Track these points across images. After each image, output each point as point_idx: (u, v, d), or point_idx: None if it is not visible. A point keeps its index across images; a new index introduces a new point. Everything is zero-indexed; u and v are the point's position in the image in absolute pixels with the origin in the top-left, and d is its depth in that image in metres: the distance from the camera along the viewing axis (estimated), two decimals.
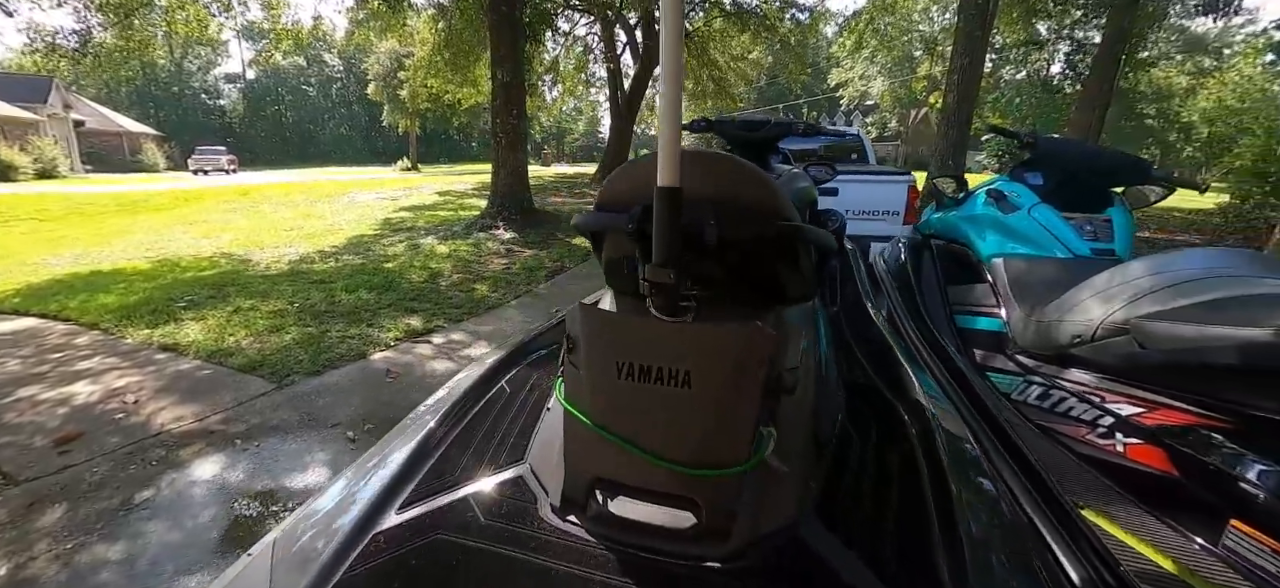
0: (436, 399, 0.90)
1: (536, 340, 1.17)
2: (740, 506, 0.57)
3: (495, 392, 0.93)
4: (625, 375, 0.58)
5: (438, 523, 0.64)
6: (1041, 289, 1.36)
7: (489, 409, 0.88)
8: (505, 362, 1.02)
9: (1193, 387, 0.86)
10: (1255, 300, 0.84)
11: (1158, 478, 0.86)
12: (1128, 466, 0.91)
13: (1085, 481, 0.93)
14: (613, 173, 0.75)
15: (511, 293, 4.61)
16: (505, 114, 7.22)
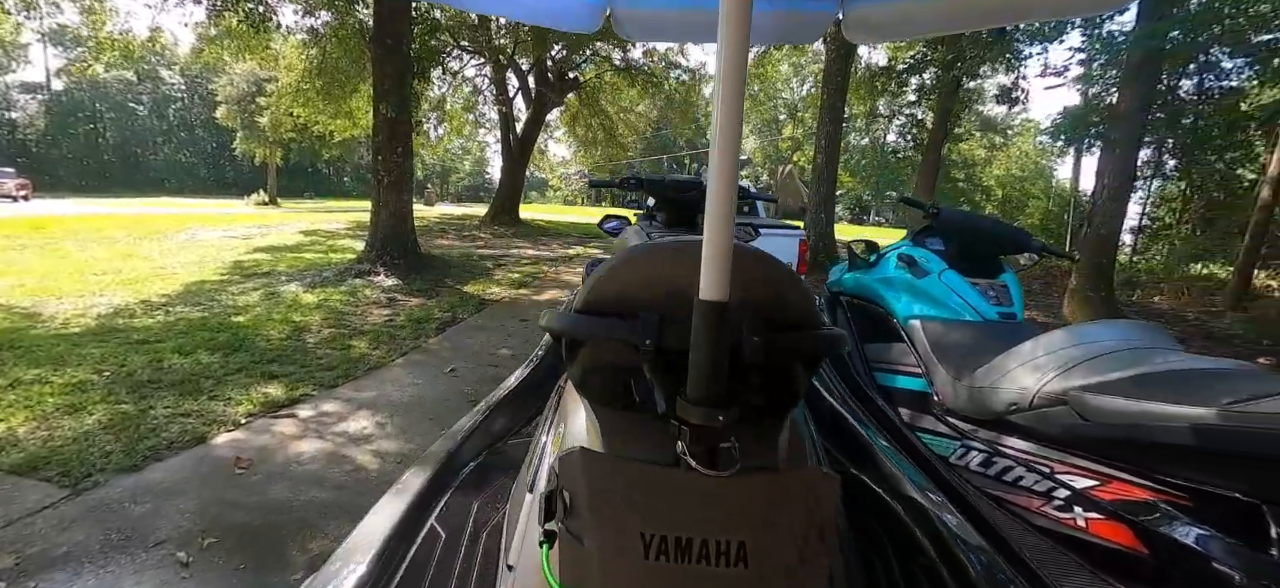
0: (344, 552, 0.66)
1: (464, 447, 0.96)
2: None
3: (424, 536, 0.71)
4: (656, 554, 0.42)
5: None
6: (964, 353, 1.43)
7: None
8: (431, 487, 0.80)
9: (1144, 461, 0.90)
10: (1182, 377, 0.90)
11: (1126, 555, 0.88)
12: (1092, 542, 0.93)
13: (1055, 557, 0.92)
14: (606, 266, 0.60)
15: (396, 350, 4.10)
16: (389, 151, 6.67)
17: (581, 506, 0.44)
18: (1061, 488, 1.02)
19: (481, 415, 1.16)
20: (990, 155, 34.41)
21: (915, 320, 1.66)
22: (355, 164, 41.88)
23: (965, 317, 1.63)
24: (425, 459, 0.93)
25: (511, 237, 12.84)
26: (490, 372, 3.71)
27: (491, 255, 9.52)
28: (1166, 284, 9.41)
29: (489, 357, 4.07)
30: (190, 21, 8.76)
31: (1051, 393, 1.07)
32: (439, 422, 2.86)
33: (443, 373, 3.66)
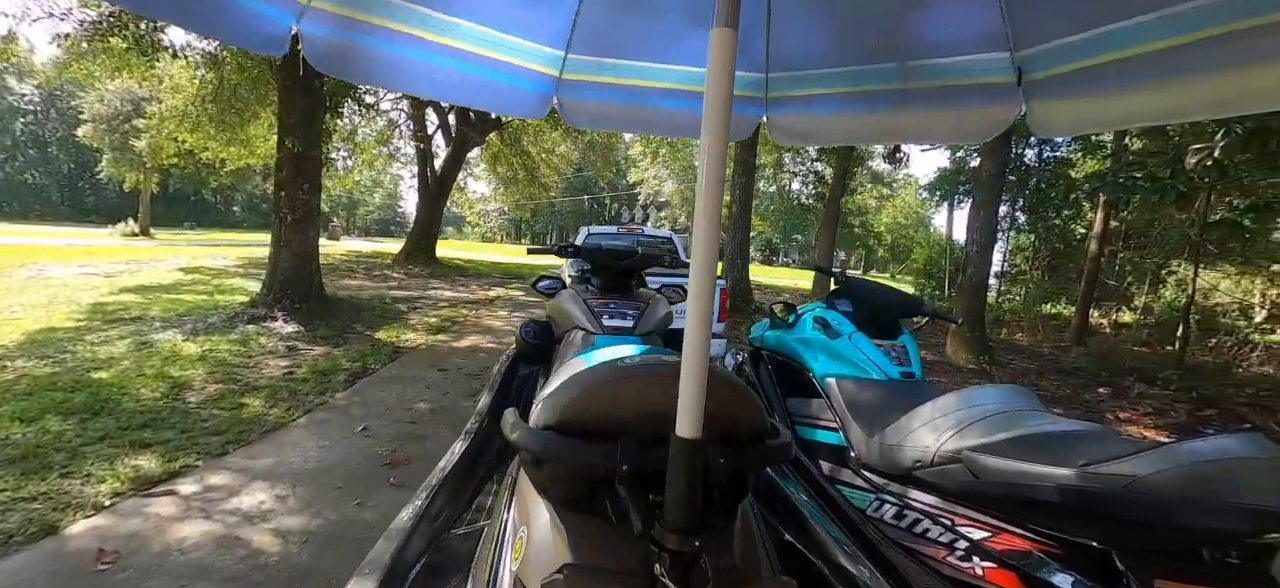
0: None
1: (410, 546, 0.91)
2: None
3: None
4: None
5: None
6: (875, 411, 1.59)
7: None
8: None
9: (1023, 515, 1.05)
10: (1049, 439, 1.08)
11: None
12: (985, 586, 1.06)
13: None
14: (570, 386, 0.63)
15: (298, 407, 3.75)
16: (294, 187, 6.23)
17: None
18: (961, 539, 1.16)
19: (424, 503, 1.10)
20: (880, 205, 38.22)
21: (832, 378, 1.82)
22: (248, 194, 38.26)
23: (873, 375, 1.81)
24: (368, 568, 0.87)
25: (427, 277, 12.28)
26: (408, 429, 3.49)
27: (406, 298, 9.04)
28: (1025, 322, 10.86)
29: (405, 412, 3.83)
30: (58, 38, 7.74)
31: (948, 452, 1.23)
32: (350, 492, 2.64)
33: (353, 433, 3.39)
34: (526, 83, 1.70)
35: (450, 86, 1.55)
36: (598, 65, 1.64)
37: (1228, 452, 0.88)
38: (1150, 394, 5.96)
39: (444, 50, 1.44)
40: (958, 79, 1.39)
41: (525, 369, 1.96)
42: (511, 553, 0.69)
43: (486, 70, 1.53)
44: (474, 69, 1.53)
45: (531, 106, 1.69)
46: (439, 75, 1.48)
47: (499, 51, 1.52)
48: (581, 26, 1.53)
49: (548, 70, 1.71)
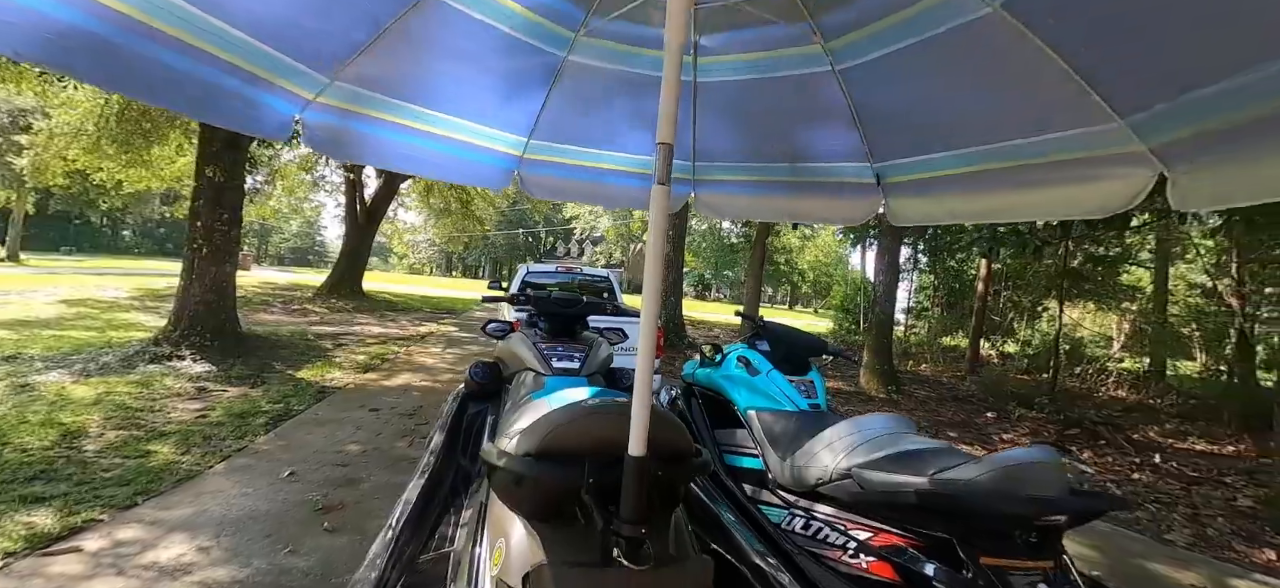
0: None
1: (389, 575, 1.01)
2: None
3: None
4: None
5: None
6: (788, 438, 1.85)
7: None
8: None
9: (897, 518, 1.32)
10: (912, 455, 1.36)
11: (890, 585, 1.27)
12: (872, 579, 1.31)
13: None
14: (544, 423, 0.81)
15: (215, 452, 3.55)
16: (212, 217, 5.91)
17: None
18: (852, 541, 1.41)
19: (395, 534, 1.20)
20: (803, 244, 40.71)
21: (752, 411, 2.08)
22: (145, 219, 34.67)
23: (786, 407, 2.08)
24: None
25: (353, 311, 11.72)
26: (340, 473, 3.40)
27: (330, 334, 8.62)
28: (929, 353, 11.98)
29: (336, 455, 3.71)
30: None
31: (842, 470, 1.49)
32: (280, 539, 2.57)
33: (279, 478, 3.26)
34: (492, 160, 1.94)
35: (426, 163, 1.77)
36: (554, 149, 1.93)
37: (1027, 459, 1.20)
38: (1028, 417, 6.80)
39: (423, 135, 1.65)
40: (834, 178, 1.80)
41: (474, 408, 2.07)
42: (490, 562, 0.84)
43: (459, 151, 1.77)
44: (448, 150, 1.76)
45: (496, 180, 1.93)
46: (418, 154, 1.68)
47: (470, 136, 1.76)
48: (542, 120, 1.79)
49: (511, 151, 1.96)
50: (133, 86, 1.24)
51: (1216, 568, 3.27)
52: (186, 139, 10.83)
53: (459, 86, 1.69)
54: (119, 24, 1.10)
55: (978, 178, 1.52)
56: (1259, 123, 1.00)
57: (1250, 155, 1.04)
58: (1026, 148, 1.39)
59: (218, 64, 1.26)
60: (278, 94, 1.43)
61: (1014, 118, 1.39)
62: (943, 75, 1.42)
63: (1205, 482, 4.85)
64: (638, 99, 1.81)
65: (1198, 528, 3.80)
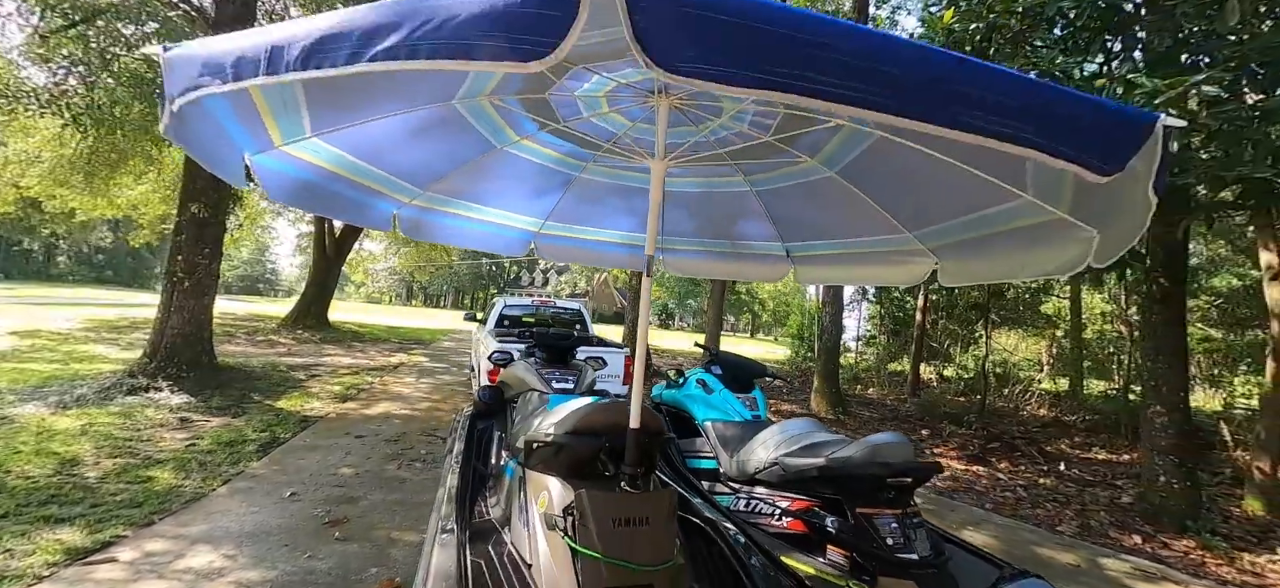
0: None
1: (460, 529, 1.46)
2: (674, 583, 1.15)
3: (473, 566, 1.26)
4: (618, 524, 1.12)
5: None
6: (735, 441, 2.37)
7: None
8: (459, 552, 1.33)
9: (806, 489, 1.86)
10: (816, 445, 1.91)
11: (801, 536, 1.80)
12: (790, 534, 1.83)
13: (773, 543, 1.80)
14: (578, 414, 1.31)
15: (215, 477, 3.80)
16: (195, 251, 6.10)
17: (588, 514, 1.13)
18: (778, 510, 1.92)
19: (445, 511, 1.65)
20: None
21: (708, 422, 2.60)
22: (93, 246, 32.93)
23: (734, 418, 2.61)
24: (442, 533, 1.41)
25: (320, 342, 11.70)
26: (338, 492, 3.71)
27: (301, 365, 8.70)
28: (876, 378, 12.87)
29: (330, 478, 4.00)
30: None
31: (771, 460, 2.02)
32: (298, 548, 2.89)
33: (282, 498, 3.55)
34: (518, 235, 2.71)
35: (470, 237, 2.58)
36: (563, 227, 2.64)
37: (884, 440, 1.75)
38: (958, 433, 7.59)
39: (471, 220, 2.40)
40: (758, 251, 2.54)
41: (482, 424, 2.52)
42: (537, 506, 1.30)
43: (495, 229, 2.51)
44: (487, 228, 2.56)
45: (516, 249, 2.65)
46: (466, 232, 2.41)
47: (504, 220, 2.45)
48: (556, 209, 2.47)
49: (531, 228, 2.70)
50: (324, 208, 2.25)
51: (1092, 551, 3.96)
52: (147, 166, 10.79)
53: (501, 190, 2.43)
54: (322, 175, 1.90)
55: (840, 257, 2.45)
56: (975, 241, 1.84)
57: (973, 256, 1.92)
58: (858, 243, 2.28)
59: (361, 188, 2.02)
60: (388, 200, 2.22)
61: (852, 225, 2.25)
62: (815, 199, 2.22)
63: (1097, 484, 5.65)
64: (624, 198, 2.57)
65: (1084, 521, 4.52)
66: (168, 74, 1.14)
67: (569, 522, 1.14)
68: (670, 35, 0.75)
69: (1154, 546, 4.09)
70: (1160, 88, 2.70)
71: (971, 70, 0.90)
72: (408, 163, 2.06)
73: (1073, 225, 1.39)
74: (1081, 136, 0.94)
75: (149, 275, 46.57)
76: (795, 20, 0.80)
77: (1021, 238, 1.60)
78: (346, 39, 0.88)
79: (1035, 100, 0.94)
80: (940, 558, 1.63)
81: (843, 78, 0.81)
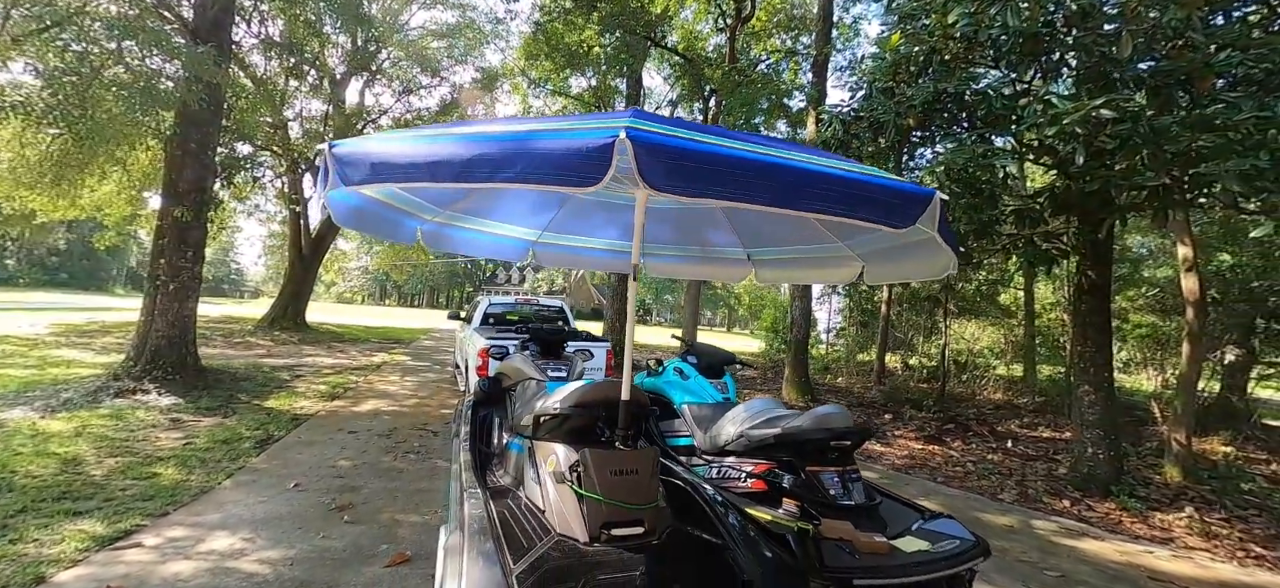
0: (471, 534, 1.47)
1: (476, 491, 1.76)
2: (658, 520, 1.48)
3: (500, 517, 1.56)
4: (614, 474, 1.44)
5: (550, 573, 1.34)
6: (708, 420, 2.72)
7: (510, 523, 1.53)
8: (484, 507, 1.63)
9: (766, 455, 2.22)
10: (774, 418, 2.28)
11: (761, 493, 2.16)
12: (752, 492, 2.19)
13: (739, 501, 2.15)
14: (580, 391, 1.62)
15: (219, 471, 3.98)
16: (177, 255, 6.18)
17: (589, 466, 1.45)
18: (742, 474, 2.28)
19: (460, 478, 1.94)
20: None
21: (685, 404, 2.94)
22: (47, 247, 31.52)
23: (707, 401, 2.96)
24: (468, 493, 1.71)
25: (299, 343, 11.69)
26: (340, 483, 3.93)
27: (284, 366, 8.77)
28: (846, 368, 13.48)
29: (329, 470, 4.21)
30: None
31: (738, 433, 2.37)
32: (310, 530, 3.13)
33: (287, 489, 3.76)
34: (519, 243, 3.06)
35: (480, 246, 2.92)
36: (559, 236, 3.00)
37: (828, 411, 2.12)
38: (918, 417, 8.13)
39: (482, 232, 2.71)
40: (725, 256, 2.97)
41: (483, 412, 2.81)
42: (546, 467, 1.61)
43: (499, 239, 2.79)
44: (494, 238, 2.88)
45: (517, 256, 3.00)
46: (474, 241, 2.70)
47: (508, 231, 2.77)
48: (552, 222, 2.81)
49: (529, 238, 3.04)
50: (367, 227, 2.48)
51: (1026, 514, 4.45)
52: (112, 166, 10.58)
53: (509, 208, 2.79)
54: (372, 203, 2.28)
55: (791, 260, 2.91)
56: (878, 252, 2.41)
57: (883, 262, 2.46)
58: (803, 249, 2.75)
59: (398, 211, 2.37)
60: (416, 220, 2.59)
61: (798, 236, 2.70)
62: (765, 217, 2.64)
63: (1038, 458, 6.21)
64: (610, 213, 2.95)
65: (1022, 490, 5.04)
66: (335, 165, 1.52)
67: (575, 476, 1.46)
68: (660, 174, 1.29)
69: (1080, 508, 4.61)
70: (1068, 108, 3.14)
71: (817, 174, 1.44)
72: (439, 192, 2.38)
73: (938, 244, 1.89)
74: (885, 209, 1.48)
75: (107, 278, 44.79)
76: (725, 161, 1.34)
77: (910, 252, 2.18)
78: (485, 163, 1.34)
79: (853, 189, 1.45)
80: (872, 503, 2.01)
81: (749, 188, 1.37)
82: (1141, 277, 10.71)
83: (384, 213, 2.35)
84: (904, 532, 1.88)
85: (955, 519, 1.99)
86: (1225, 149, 2.98)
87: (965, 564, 1.69)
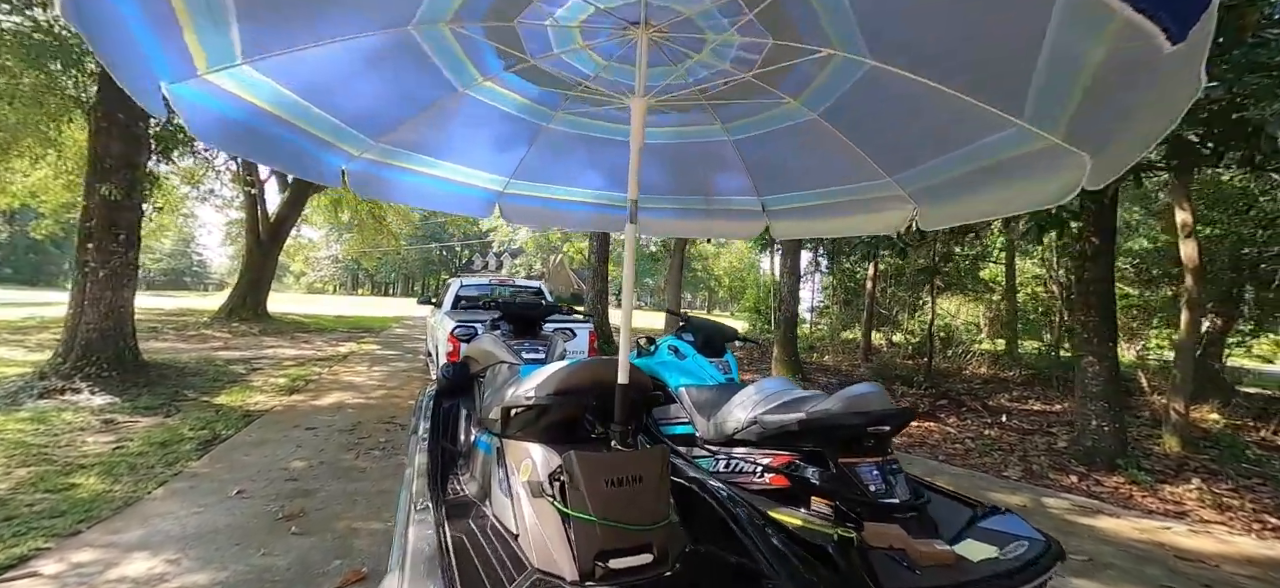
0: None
1: (434, 505, 1.36)
2: (670, 543, 1.11)
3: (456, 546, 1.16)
4: (611, 484, 1.06)
5: None
6: (710, 405, 2.35)
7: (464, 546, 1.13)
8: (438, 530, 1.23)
9: (786, 445, 1.86)
10: (794, 401, 1.92)
11: (783, 490, 1.80)
12: (772, 489, 1.83)
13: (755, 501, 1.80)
14: (562, 373, 1.22)
15: (150, 479, 3.49)
16: (107, 238, 5.55)
17: (577, 476, 1.06)
18: (759, 467, 1.93)
19: (415, 489, 1.52)
20: (718, 252, 42.84)
21: (683, 387, 2.57)
22: None
23: (708, 382, 2.59)
24: (416, 511, 1.31)
25: (260, 334, 10.99)
26: (290, 487, 3.49)
27: (240, 359, 8.15)
28: (832, 346, 13.33)
29: (281, 472, 3.75)
30: None
31: (750, 419, 2.01)
32: (249, 545, 2.70)
33: (228, 496, 3.30)
34: (479, 194, 2.46)
35: (429, 196, 2.31)
36: (529, 186, 2.44)
37: (862, 391, 1.78)
38: (909, 393, 7.95)
39: (430, 177, 2.17)
40: (734, 207, 2.51)
41: (447, 402, 2.39)
42: (519, 474, 1.22)
43: (454, 187, 2.21)
44: (446, 186, 2.28)
45: (480, 210, 2.43)
46: (424, 190, 2.15)
47: (467, 177, 2.24)
48: (523, 165, 2.28)
49: (494, 188, 2.46)
50: (263, 154, 1.84)
51: (1036, 492, 4.24)
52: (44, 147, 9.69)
53: (463, 144, 2.18)
54: (257, 115, 1.63)
55: (820, 208, 2.37)
56: (958, 180, 1.78)
57: (952, 198, 1.88)
58: (835, 192, 2.24)
59: (305, 135, 1.73)
60: (336, 152, 1.94)
61: (834, 173, 2.20)
62: (795, 146, 2.15)
63: (1035, 432, 6.05)
64: (593, 152, 2.41)
65: (1027, 466, 4.84)
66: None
67: (557, 487, 1.08)
68: None
69: (1088, 483, 4.42)
70: None
71: None
72: (358, 105, 1.81)
73: (1065, 152, 1.37)
74: None
75: (56, 272, 42.44)
76: None
77: (1007, 172, 1.58)
78: None
79: None
80: (920, 501, 1.67)
81: None
82: (1128, 248, 10.71)
83: (282, 134, 1.69)
84: (962, 534, 1.55)
85: (1015, 514, 1.67)
86: (1270, 91, 2.70)
87: (1044, 574, 1.37)
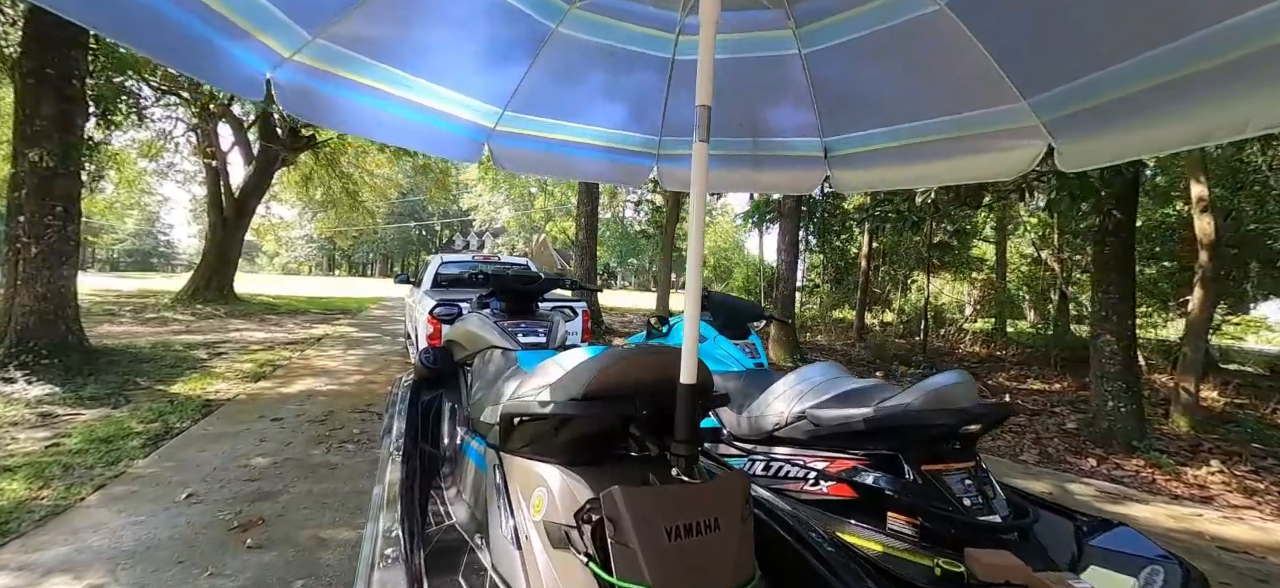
0: None
1: (408, 550, 0.98)
2: None
3: None
4: (674, 537, 0.69)
5: None
6: (740, 395, 2.01)
7: None
8: None
9: (847, 446, 1.52)
10: (853, 393, 1.58)
11: (848, 502, 1.47)
12: (832, 499, 1.50)
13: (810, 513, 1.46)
14: (596, 367, 0.84)
15: (84, 482, 3.05)
16: (42, 210, 4.96)
17: (625, 523, 0.70)
18: (811, 472, 1.60)
19: (387, 517, 1.13)
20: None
21: None
22: None
23: (733, 368, 2.25)
24: (379, 565, 0.93)
25: (226, 317, 10.36)
26: (250, 488, 3.08)
27: (202, 343, 7.59)
28: (822, 325, 13.16)
29: (240, 471, 3.33)
30: None
31: (796, 413, 1.67)
32: (195, 564, 2.30)
33: (176, 502, 2.88)
34: (463, 131, 1.89)
35: (395, 130, 1.71)
36: (528, 121, 1.91)
37: (948, 382, 1.45)
38: (909, 374, 7.76)
39: (397, 101, 1.58)
40: (788, 152, 2.03)
41: (427, 395, 2.00)
42: (530, 509, 0.86)
43: (432, 119, 1.70)
44: (421, 117, 1.70)
45: (466, 152, 1.88)
46: (388, 120, 1.59)
47: (446, 105, 1.70)
48: (521, 91, 1.77)
49: (483, 122, 1.91)
50: (138, 39, 1.11)
51: (1057, 477, 4.03)
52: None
53: (442, 51, 1.63)
54: None
55: (905, 151, 1.78)
56: (1128, 100, 1.26)
57: (1111, 126, 1.33)
58: (946, 124, 1.65)
59: (200, 11, 1.13)
60: (254, 48, 1.29)
61: (937, 99, 1.66)
62: (888, 61, 1.63)
63: (1042, 413, 5.89)
64: (616, 74, 1.85)
65: (1041, 449, 4.63)
66: None
67: (588, 533, 0.72)
68: None
69: (1108, 466, 4.23)
70: None
71: None
72: None
73: None
74: None
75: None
76: None
77: (1205, 86, 1.11)
78: None
79: None
80: (1028, 521, 1.35)
81: None
82: None
83: (168, 11, 1.09)
84: (1080, 558, 1.23)
85: (1128, 526, 1.36)
86: None
87: None
